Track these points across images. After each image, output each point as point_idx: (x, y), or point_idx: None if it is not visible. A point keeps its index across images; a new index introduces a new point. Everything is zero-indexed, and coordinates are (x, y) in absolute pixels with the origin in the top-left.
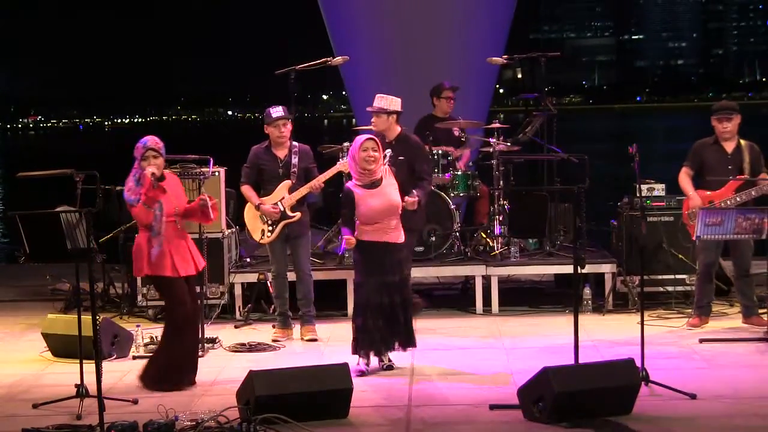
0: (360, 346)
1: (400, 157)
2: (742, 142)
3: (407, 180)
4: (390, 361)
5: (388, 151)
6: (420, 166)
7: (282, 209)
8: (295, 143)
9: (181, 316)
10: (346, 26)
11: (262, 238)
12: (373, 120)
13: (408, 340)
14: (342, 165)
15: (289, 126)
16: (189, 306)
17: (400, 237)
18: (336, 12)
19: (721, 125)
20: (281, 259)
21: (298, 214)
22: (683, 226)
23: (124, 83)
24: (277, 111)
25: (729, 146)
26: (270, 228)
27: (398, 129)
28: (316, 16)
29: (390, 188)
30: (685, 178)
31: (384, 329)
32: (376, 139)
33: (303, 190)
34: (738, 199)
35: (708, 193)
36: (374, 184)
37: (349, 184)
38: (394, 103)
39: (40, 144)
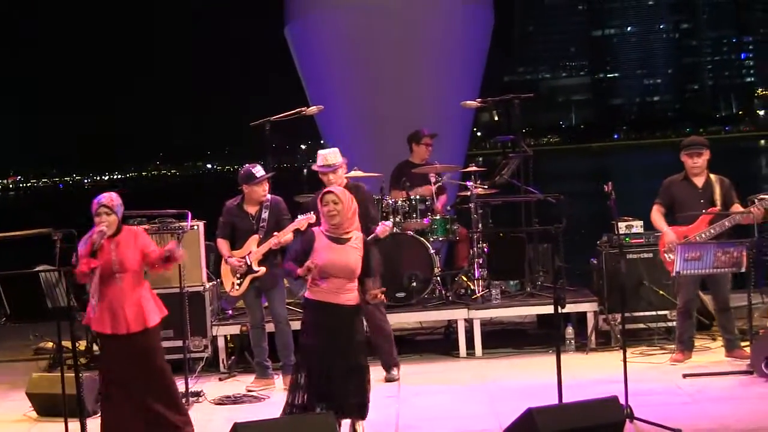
0: (291, 403)
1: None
2: (712, 176)
3: (361, 224)
4: (364, 429)
5: (389, 223)
6: (373, 212)
7: (248, 263)
8: (268, 196)
9: (102, 376)
10: (319, 76)
11: (231, 290)
12: (330, 178)
13: (361, 411)
14: (299, 222)
15: (267, 183)
16: (113, 367)
17: (352, 300)
18: (309, 62)
19: (692, 160)
20: (255, 311)
21: (262, 269)
22: (662, 263)
23: (103, 141)
24: (259, 170)
25: (699, 181)
26: (238, 282)
27: (345, 180)
28: (290, 67)
29: (353, 252)
30: (657, 215)
31: (326, 392)
32: (335, 191)
33: (265, 247)
34: (712, 231)
35: (682, 228)
36: (340, 240)
37: (316, 229)
38: (336, 155)
39: (19, 204)
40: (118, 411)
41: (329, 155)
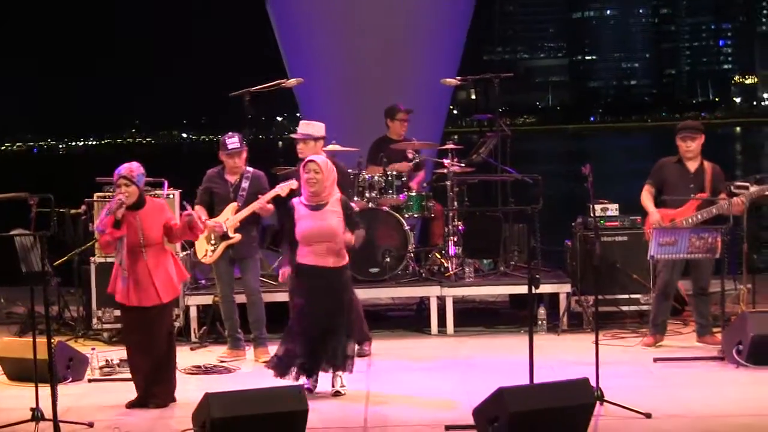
0: (280, 370)
1: None
2: (705, 162)
3: None
4: (342, 386)
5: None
6: (345, 191)
7: (224, 229)
8: (249, 169)
9: (126, 344)
10: (300, 48)
11: (204, 257)
12: (300, 146)
13: (341, 363)
14: (281, 188)
15: (244, 155)
16: (134, 336)
17: (338, 262)
18: (290, 34)
19: (685, 144)
20: (227, 281)
21: (237, 236)
22: (639, 245)
23: (78, 105)
24: (233, 142)
25: (692, 165)
26: (212, 248)
27: (323, 154)
28: (270, 38)
29: (330, 214)
30: (647, 196)
31: (312, 353)
32: (317, 160)
33: (245, 212)
34: (699, 217)
35: (670, 211)
36: (318, 207)
37: (295, 200)
38: (319, 128)
39: None
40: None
41: (308, 126)
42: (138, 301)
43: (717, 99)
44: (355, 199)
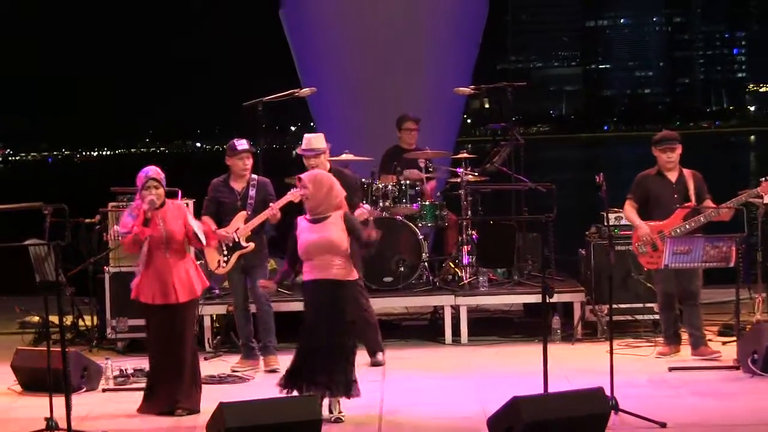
0: (287, 384)
1: None
2: (685, 170)
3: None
4: (340, 412)
5: (367, 206)
6: (357, 200)
7: (236, 239)
8: (254, 176)
9: (148, 341)
10: (313, 58)
11: (218, 268)
12: (311, 162)
13: (338, 389)
14: (292, 194)
15: (251, 160)
16: (154, 333)
17: (341, 275)
18: (303, 44)
19: (665, 155)
20: (240, 291)
21: (251, 245)
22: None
23: (93, 116)
24: (241, 144)
25: (672, 176)
26: (225, 258)
27: (328, 165)
28: (283, 48)
29: (332, 227)
30: (630, 210)
31: (320, 371)
32: (303, 177)
33: (257, 220)
34: (687, 226)
35: (657, 223)
36: (318, 220)
37: (299, 217)
38: (321, 140)
39: (8, 177)
40: (165, 382)
41: (313, 139)
42: (162, 298)
43: (731, 107)
44: (364, 204)
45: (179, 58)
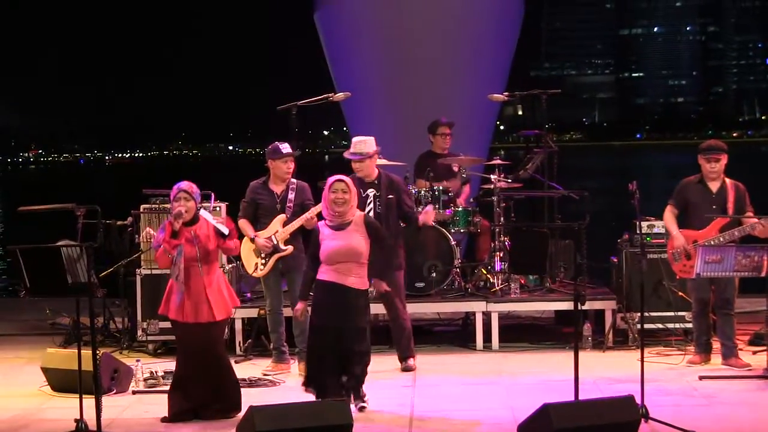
0: (306, 383)
1: (390, 196)
2: (727, 180)
3: (398, 217)
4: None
5: (430, 207)
6: (409, 203)
7: (275, 243)
8: (293, 180)
9: (178, 359)
10: (348, 62)
11: (255, 272)
12: (356, 165)
13: (356, 394)
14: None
15: (294, 163)
16: (188, 353)
17: (358, 284)
18: (337, 48)
19: (709, 165)
20: (276, 294)
21: (290, 248)
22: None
23: (125, 117)
24: (285, 147)
25: (714, 185)
26: (263, 261)
27: (377, 170)
28: (318, 52)
29: (355, 234)
30: (670, 217)
31: (331, 375)
32: (346, 180)
33: (296, 224)
34: (722, 239)
35: (692, 232)
36: (341, 227)
37: (320, 223)
38: (371, 144)
39: (40, 178)
40: (192, 393)
41: (363, 143)
42: (193, 317)
43: (764, 117)
44: (422, 207)
45: (212, 61)
